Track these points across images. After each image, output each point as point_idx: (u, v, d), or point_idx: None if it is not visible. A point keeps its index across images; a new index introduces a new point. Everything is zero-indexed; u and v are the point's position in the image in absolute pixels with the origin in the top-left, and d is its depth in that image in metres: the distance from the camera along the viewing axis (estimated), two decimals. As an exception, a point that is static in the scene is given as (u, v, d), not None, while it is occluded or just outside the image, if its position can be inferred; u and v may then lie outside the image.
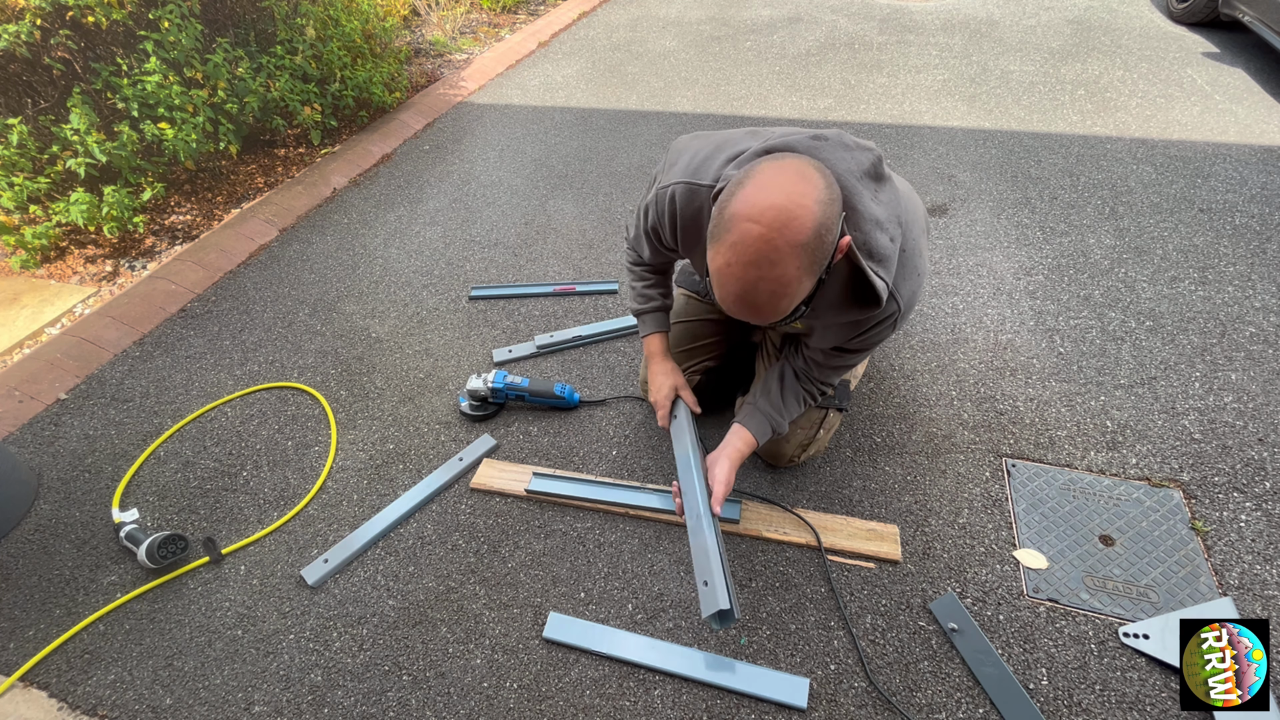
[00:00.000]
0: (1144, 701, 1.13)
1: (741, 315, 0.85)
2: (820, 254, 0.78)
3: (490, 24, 4.55)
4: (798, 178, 0.78)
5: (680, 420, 1.38)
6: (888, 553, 1.35)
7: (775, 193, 0.76)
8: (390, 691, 1.21)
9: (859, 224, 0.90)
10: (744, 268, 0.77)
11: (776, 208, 0.75)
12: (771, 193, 0.76)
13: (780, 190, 0.76)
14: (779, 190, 0.76)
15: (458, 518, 1.50)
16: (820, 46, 3.94)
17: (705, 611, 1.06)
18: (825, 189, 0.78)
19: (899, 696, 1.16)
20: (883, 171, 0.94)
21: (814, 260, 0.78)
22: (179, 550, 1.42)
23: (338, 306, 2.16)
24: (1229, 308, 1.92)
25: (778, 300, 0.80)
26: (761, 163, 0.82)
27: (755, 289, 0.79)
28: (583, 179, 2.79)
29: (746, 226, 0.76)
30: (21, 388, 1.84)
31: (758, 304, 0.81)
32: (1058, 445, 1.57)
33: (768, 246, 0.75)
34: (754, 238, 0.75)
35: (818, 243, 0.76)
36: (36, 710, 1.21)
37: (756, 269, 0.76)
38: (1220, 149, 2.68)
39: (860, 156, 0.92)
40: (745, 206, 0.77)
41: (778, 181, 0.78)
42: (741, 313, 0.84)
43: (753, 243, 0.76)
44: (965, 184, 2.58)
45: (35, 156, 2.19)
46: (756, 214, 0.76)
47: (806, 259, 0.77)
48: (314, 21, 2.95)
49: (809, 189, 0.77)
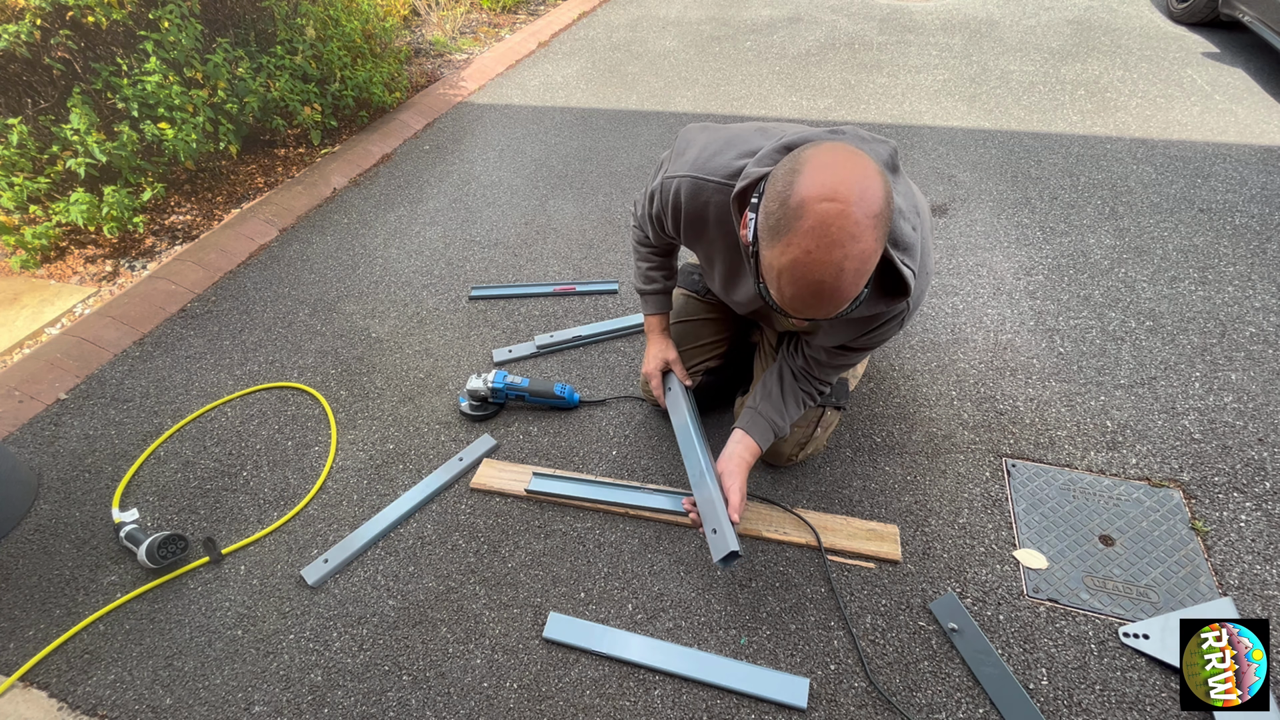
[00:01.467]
0: (1144, 701, 1.13)
1: (810, 310, 0.80)
2: (888, 226, 0.76)
3: (490, 24, 4.55)
4: (852, 155, 0.76)
5: (675, 392, 1.49)
6: (888, 553, 1.35)
7: (841, 170, 0.74)
8: (390, 691, 1.21)
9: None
10: (828, 250, 0.73)
11: (849, 183, 0.73)
12: (838, 171, 0.74)
13: (844, 167, 0.74)
14: (843, 168, 0.74)
15: (458, 518, 1.50)
16: (820, 46, 3.94)
17: (716, 555, 1.15)
18: (876, 163, 0.77)
19: (899, 696, 1.16)
20: (898, 165, 0.95)
21: (885, 233, 0.76)
22: (179, 550, 1.42)
23: (338, 306, 2.16)
24: (1229, 308, 1.92)
25: (860, 280, 0.76)
26: (808, 150, 0.79)
27: (841, 271, 0.74)
28: (583, 179, 2.79)
29: (824, 207, 0.73)
30: (21, 388, 1.84)
31: (840, 287, 0.76)
32: (1058, 445, 1.57)
33: (849, 221, 0.72)
34: (835, 214, 0.72)
35: (888, 212, 0.75)
36: (36, 710, 1.21)
37: (841, 248, 0.73)
38: (1220, 149, 2.68)
39: (878, 149, 0.92)
40: (815, 189, 0.74)
41: (838, 160, 0.75)
42: (811, 306, 0.79)
43: (835, 219, 0.72)
44: (965, 184, 2.58)
45: (35, 156, 2.19)
46: (829, 192, 0.73)
47: (881, 230, 0.75)
48: (314, 21, 2.95)
49: (867, 163, 0.75)
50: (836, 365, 1.26)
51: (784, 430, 1.30)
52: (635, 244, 1.45)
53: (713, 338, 1.56)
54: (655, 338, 1.52)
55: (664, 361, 1.51)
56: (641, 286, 1.49)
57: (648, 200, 1.28)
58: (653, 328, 1.53)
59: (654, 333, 1.52)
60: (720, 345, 1.58)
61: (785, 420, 1.30)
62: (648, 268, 1.45)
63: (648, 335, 1.54)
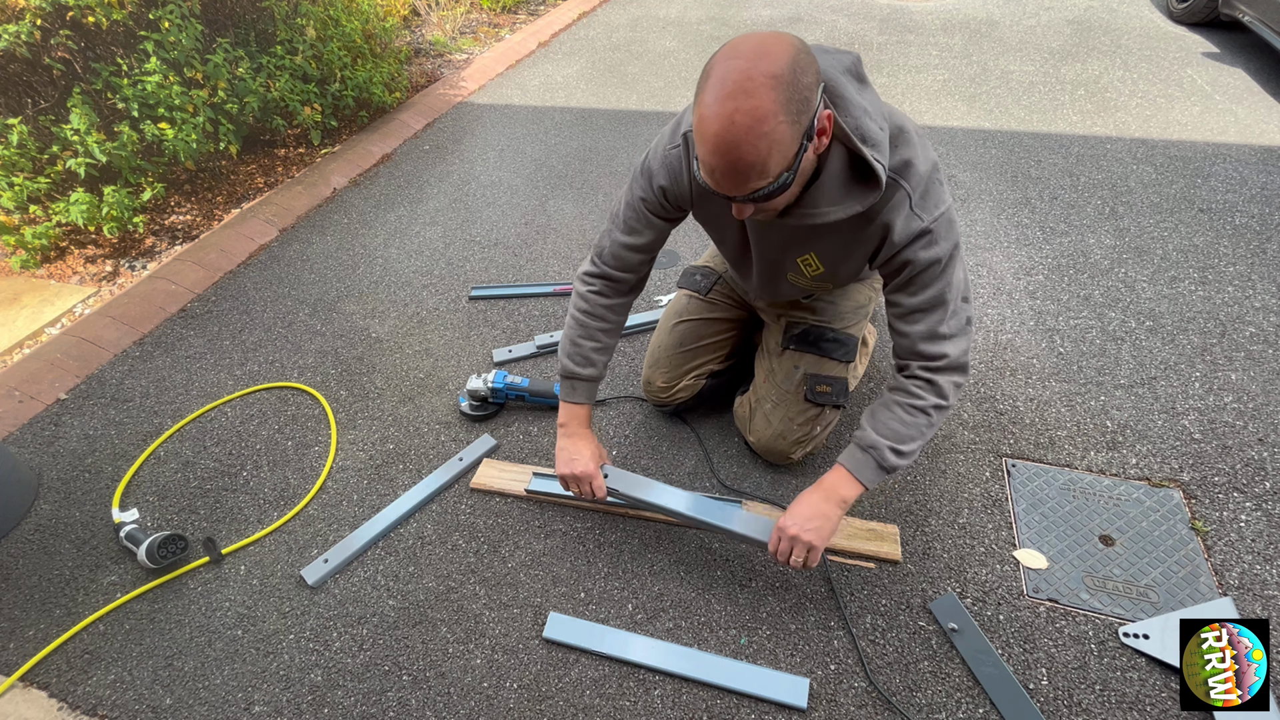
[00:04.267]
0: (1144, 701, 1.13)
1: (724, 170, 0.83)
2: (796, 94, 0.79)
3: (490, 24, 4.55)
4: (771, 33, 0.83)
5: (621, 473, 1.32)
6: (888, 553, 1.35)
7: (751, 39, 0.81)
8: (390, 691, 1.21)
9: (848, 110, 0.90)
10: (721, 101, 0.79)
11: (751, 44, 0.80)
12: (748, 39, 0.82)
13: (755, 37, 0.81)
14: (755, 37, 0.82)
15: (458, 518, 1.50)
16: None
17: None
18: (799, 43, 0.82)
19: (899, 696, 1.16)
20: (863, 74, 0.95)
21: (790, 98, 0.78)
22: (179, 550, 1.42)
23: (338, 306, 2.16)
24: (1229, 308, 1.92)
25: (756, 140, 0.79)
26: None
27: (732, 122, 0.78)
28: (583, 179, 2.79)
29: (723, 64, 0.80)
30: (21, 388, 1.84)
31: (735, 141, 0.79)
32: (1058, 445, 1.57)
33: (743, 76, 0.78)
34: (730, 69, 0.79)
35: (793, 79, 0.78)
36: (36, 710, 1.21)
37: (733, 100, 0.78)
38: (1220, 149, 2.68)
39: (841, 57, 0.94)
40: (723, 53, 0.82)
41: (752, 35, 0.83)
42: (722, 164, 0.82)
43: (729, 74, 0.78)
44: (965, 184, 2.58)
45: (35, 156, 2.19)
46: (731, 52, 0.80)
47: (783, 94, 0.78)
48: (314, 21, 2.95)
49: (783, 38, 0.81)
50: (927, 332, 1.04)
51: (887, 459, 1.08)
52: (581, 308, 1.25)
53: (715, 338, 1.55)
54: (585, 433, 1.29)
55: (600, 459, 1.29)
56: (577, 370, 1.26)
57: (644, 180, 1.15)
58: (583, 421, 1.30)
59: (584, 426, 1.29)
60: (725, 346, 1.57)
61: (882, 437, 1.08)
62: (592, 347, 1.25)
63: (571, 429, 1.28)
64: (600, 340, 1.26)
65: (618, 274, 1.24)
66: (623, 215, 1.20)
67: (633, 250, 1.21)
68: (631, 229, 1.19)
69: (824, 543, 1.10)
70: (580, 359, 1.26)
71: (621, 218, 1.20)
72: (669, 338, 1.56)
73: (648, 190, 1.14)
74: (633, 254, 1.21)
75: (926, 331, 1.04)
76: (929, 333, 1.04)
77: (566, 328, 1.27)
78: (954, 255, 1.01)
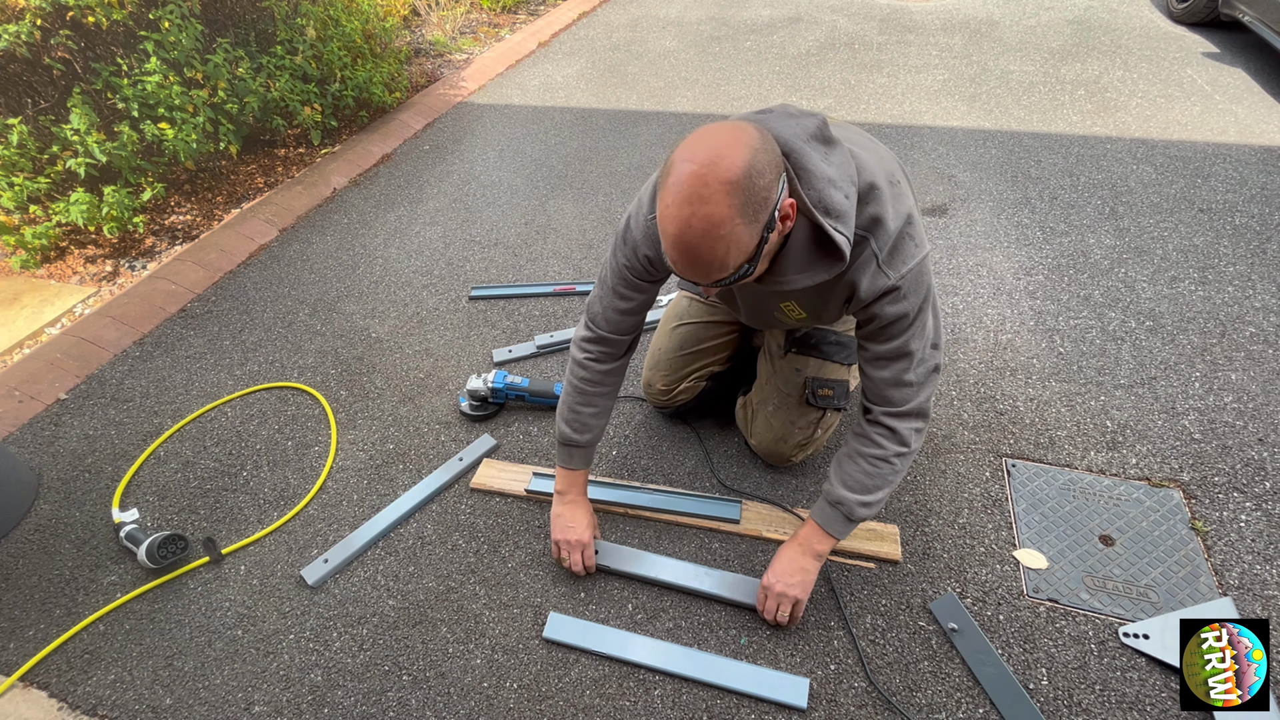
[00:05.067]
0: (1144, 701, 1.13)
1: (685, 265, 0.86)
2: (753, 197, 0.81)
3: (490, 24, 4.55)
4: (732, 129, 0.83)
5: (611, 546, 1.38)
6: (888, 553, 1.35)
7: (709, 138, 0.82)
8: (390, 691, 1.21)
9: (811, 182, 0.90)
10: (679, 206, 0.81)
11: (710, 148, 0.81)
12: (705, 138, 0.82)
13: (714, 136, 0.82)
14: (713, 136, 0.82)
15: (458, 518, 1.50)
16: (820, 46, 3.94)
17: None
18: (759, 139, 0.83)
19: (899, 696, 1.16)
20: (830, 135, 0.95)
21: (746, 202, 0.80)
22: (179, 550, 1.42)
23: (338, 306, 2.16)
24: (1229, 308, 1.92)
25: (712, 242, 0.81)
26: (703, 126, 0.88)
27: (689, 226, 0.81)
28: (583, 179, 2.79)
29: (681, 166, 0.81)
30: (21, 388, 1.84)
31: (692, 244, 0.82)
32: (1058, 445, 1.57)
33: (699, 182, 0.79)
34: (687, 174, 0.80)
35: (749, 184, 0.80)
36: (36, 710, 1.21)
37: (690, 205, 0.80)
38: (1220, 149, 2.68)
39: (805, 122, 0.94)
40: (682, 152, 0.83)
41: (713, 131, 0.84)
42: (683, 260, 0.85)
43: (686, 179, 0.80)
44: (965, 184, 2.58)
45: (35, 156, 2.19)
46: (689, 155, 0.81)
47: (739, 199, 0.80)
48: (314, 21, 2.95)
49: (742, 136, 0.82)
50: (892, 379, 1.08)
51: (855, 512, 1.14)
52: (581, 376, 1.26)
53: (716, 340, 1.55)
54: (583, 501, 1.34)
55: (594, 530, 1.34)
56: (575, 437, 1.28)
57: (624, 250, 1.15)
58: (581, 489, 1.35)
59: (582, 494, 1.35)
60: (725, 349, 1.57)
61: (850, 491, 1.13)
62: (590, 413, 1.27)
63: (570, 497, 1.33)
64: (598, 405, 1.29)
65: (614, 336, 1.25)
66: (610, 282, 1.20)
67: (626, 314, 1.23)
68: (622, 295, 1.20)
69: (806, 595, 1.20)
70: (579, 425, 1.28)
71: (610, 285, 1.21)
72: (669, 340, 1.55)
73: (632, 259, 1.15)
74: (626, 317, 1.23)
75: (892, 378, 1.08)
76: (894, 379, 1.08)
77: (565, 395, 1.29)
78: (923, 307, 1.04)
